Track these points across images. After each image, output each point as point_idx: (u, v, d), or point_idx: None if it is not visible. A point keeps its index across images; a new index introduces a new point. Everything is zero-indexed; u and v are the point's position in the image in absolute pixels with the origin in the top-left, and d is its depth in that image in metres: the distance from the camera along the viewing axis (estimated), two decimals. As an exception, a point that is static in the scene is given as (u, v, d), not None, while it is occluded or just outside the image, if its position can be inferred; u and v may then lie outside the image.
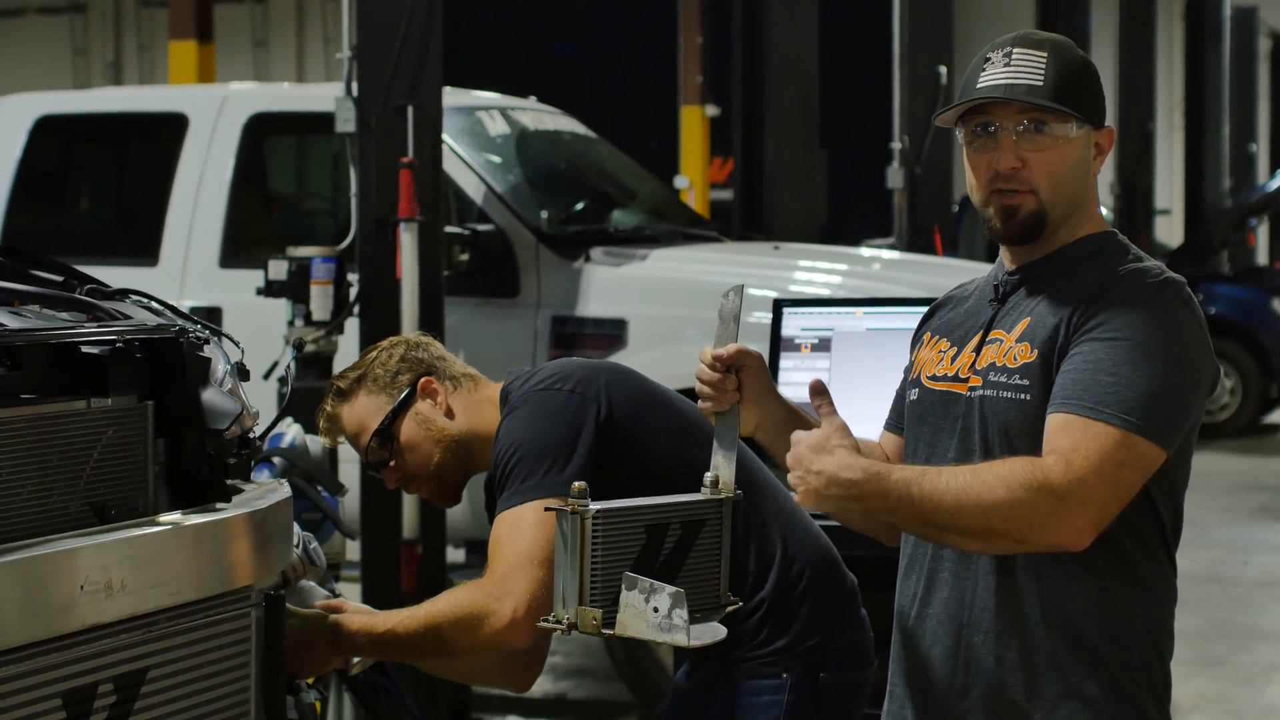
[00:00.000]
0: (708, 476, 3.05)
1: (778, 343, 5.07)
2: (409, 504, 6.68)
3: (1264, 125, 24.17)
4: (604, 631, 2.83)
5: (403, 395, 3.81)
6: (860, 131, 18.80)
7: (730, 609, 3.07)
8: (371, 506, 6.69)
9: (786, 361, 5.06)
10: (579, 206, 8.31)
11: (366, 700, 4.16)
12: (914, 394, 3.14)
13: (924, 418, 3.10)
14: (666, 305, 7.32)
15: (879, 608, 3.85)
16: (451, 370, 3.88)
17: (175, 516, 2.82)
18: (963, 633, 3.00)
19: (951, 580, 3.02)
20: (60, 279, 3.23)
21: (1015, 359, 2.95)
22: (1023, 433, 2.92)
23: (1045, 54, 2.99)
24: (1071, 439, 2.84)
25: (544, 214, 7.76)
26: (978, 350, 3.04)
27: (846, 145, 18.35)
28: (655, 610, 2.79)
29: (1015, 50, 2.99)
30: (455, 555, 7.76)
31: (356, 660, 3.72)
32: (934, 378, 3.09)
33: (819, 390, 3.01)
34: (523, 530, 3.48)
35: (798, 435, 2.95)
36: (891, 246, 10.31)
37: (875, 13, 13.03)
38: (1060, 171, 2.99)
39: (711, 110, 20.33)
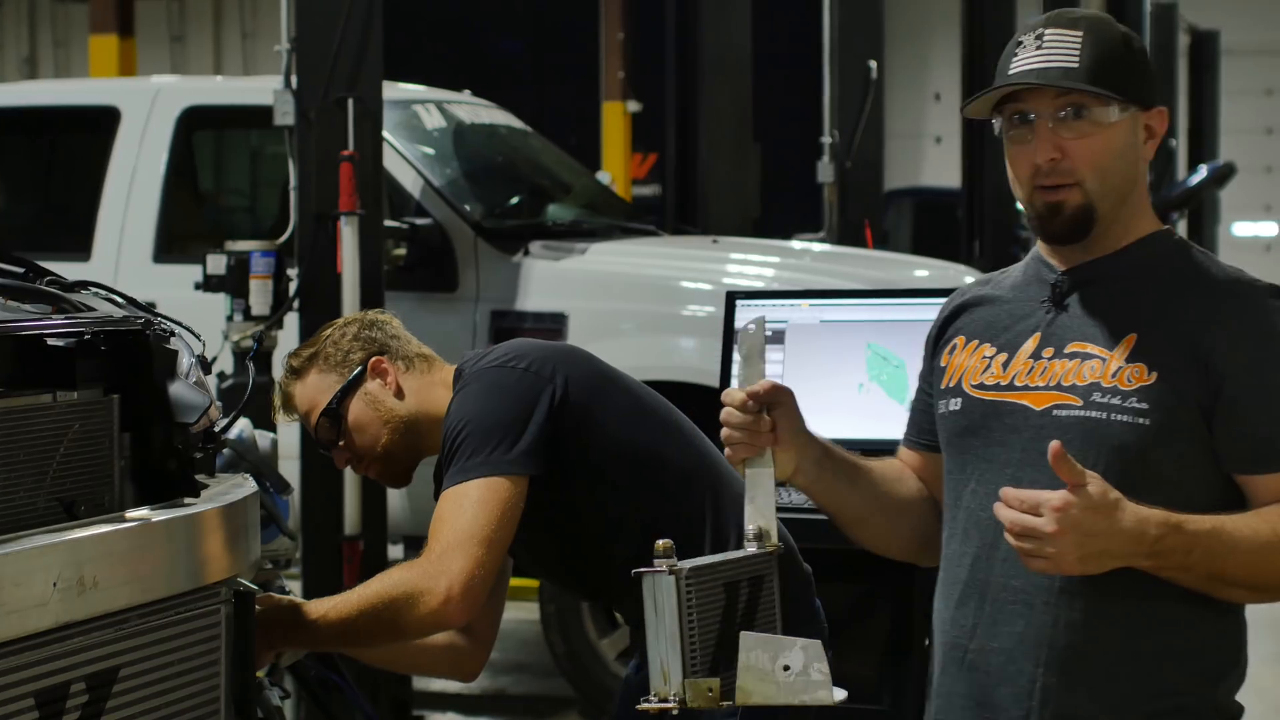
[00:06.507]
0: (749, 529, 2.77)
1: (730, 335, 5.05)
2: (350, 500, 6.61)
3: (1183, 121, 24.30)
4: (722, 704, 2.59)
5: (352, 374, 3.73)
6: (790, 125, 18.79)
7: None
8: (313, 503, 6.62)
9: (739, 354, 5.03)
10: (515, 200, 8.27)
11: (319, 698, 4.11)
12: (955, 404, 2.88)
13: (973, 429, 2.84)
14: (606, 299, 7.29)
15: (832, 601, 3.83)
16: (405, 350, 3.79)
17: (144, 512, 2.76)
18: (1040, 671, 2.75)
19: (1025, 613, 2.75)
20: (21, 270, 3.17)
21: (1129, 380, 2.72)
22: (1138, 458, 2.70)
23: (1080, 33, 2.75)
24: None
25: (480, 208, 7.71)
26: (1035, 356, 2.81)
27: (776, 139, 18.36)
28: (786, 669, 2.56)
29: (1047, 31, 2.76)
30: (395, 552, 7.71)
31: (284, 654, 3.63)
32: (982, 386, 2.85)
33: (1061, 454, 2.57)
34: (465, 508, 3.40)
35: (1051, 499, 2.55)
36: (822, 240, 10.33)
37: (806, 6, 13.03)
38: (1105, 160, 2.77)
39: (633, 106, 20.27)
